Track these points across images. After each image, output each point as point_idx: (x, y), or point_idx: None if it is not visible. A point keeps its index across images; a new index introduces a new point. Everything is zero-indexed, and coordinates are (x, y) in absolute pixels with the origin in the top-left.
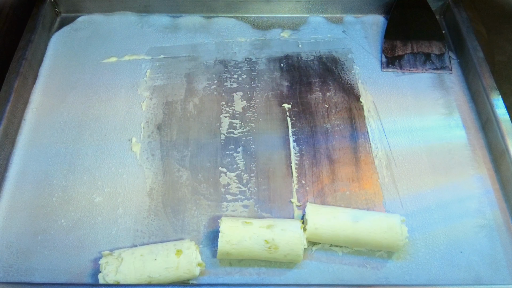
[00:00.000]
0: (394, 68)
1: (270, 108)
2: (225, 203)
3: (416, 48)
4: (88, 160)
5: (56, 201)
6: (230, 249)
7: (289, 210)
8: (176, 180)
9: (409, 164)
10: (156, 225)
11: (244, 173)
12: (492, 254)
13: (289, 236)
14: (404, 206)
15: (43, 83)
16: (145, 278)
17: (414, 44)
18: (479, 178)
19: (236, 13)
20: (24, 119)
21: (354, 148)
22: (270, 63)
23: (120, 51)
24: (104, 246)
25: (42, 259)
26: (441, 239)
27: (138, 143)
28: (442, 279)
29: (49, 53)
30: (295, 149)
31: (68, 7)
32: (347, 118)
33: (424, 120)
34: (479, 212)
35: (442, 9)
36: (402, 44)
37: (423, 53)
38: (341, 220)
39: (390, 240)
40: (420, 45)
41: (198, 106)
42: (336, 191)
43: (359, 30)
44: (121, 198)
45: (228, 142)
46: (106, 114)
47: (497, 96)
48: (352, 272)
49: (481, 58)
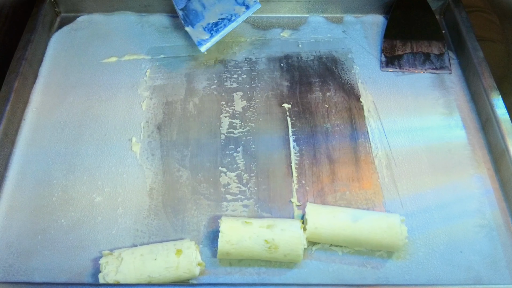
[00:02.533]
0: (394, 68)
1: (270, 108)
2: (225, 203)
3: (415, 48)
4: (88, 160)
5: (56, 201)
6: (230, 249)
7: (289, 210)
8: (176, 180)
9: (409, 164)
10: (156, 225)
11: (244, 173)
12: (492, 254)
13: (289, 236)
14: (404, 206)
15: (43, 83)
16: (145, 277)
17: (413, 44)
18: (479, 178)
19: None
20: (24, 119)
21: (354, 148)
22: (270, 63)
23: (120, 51)
24: (104, 246)
25: (42, 259)
26: (441, 239)
27: (138, 143)
28: (442, 279)
29: (49, 53)
30: (295, 149)
31: (68, 7)
32: (347, 118)
33: (424, 120)
34: (479, 212)
35: (442, 9)
36: (402, 43)
37: (422, 53)
38: (341, 220)
39: (390, 240)
40: (420, 45)
41: (198, 106)
42: (336, 191)
43: (359, 30)
44: (121, 198)
45: (228, 142)
46: (106, 114)
47: (497, 96)
48: (352, 272)
49: (481, 58)
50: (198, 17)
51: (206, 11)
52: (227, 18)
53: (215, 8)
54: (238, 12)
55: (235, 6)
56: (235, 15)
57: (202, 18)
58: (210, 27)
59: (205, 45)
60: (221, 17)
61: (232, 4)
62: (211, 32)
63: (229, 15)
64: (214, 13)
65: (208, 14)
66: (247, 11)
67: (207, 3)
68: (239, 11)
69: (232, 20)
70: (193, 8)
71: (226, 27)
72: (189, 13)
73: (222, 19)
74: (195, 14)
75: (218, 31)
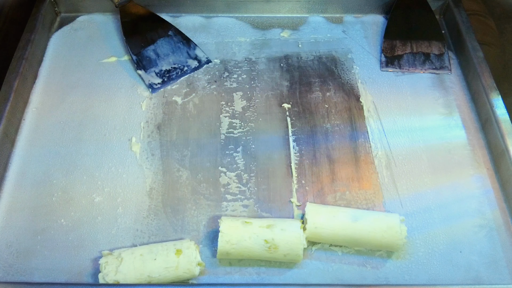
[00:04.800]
0: (393, 68)
1: (270, 108)
2: (225, 203)
3: (415, 48)
4: (88, 160)
5: (56, 201)
6: (230, 248)
7: (289, 210)
8: (176, 180)
9: (409, 164)
10: (156, 225)
11: (244, 173)
12: (491, 254)
13: (288, 236)
14: (404, 206)
15: (43, 83)
16: (145, 277)
17: (413, 44)
18: (479, 178)
19: (236, 13)
20: (24, 119)
21: (354, 148)
22: (270, 63)
23: (120, 51)
24: (104, 246)
25: (42, 259)
26: (440, 239)
27: (138, 143)
28: (442, 279)
29: (49, 53)
30: (295, 149)
31: (68, 7)
32: (347, 118)
33: (424, 120)
34: (479, 212)
35: (442, 9)
36: (402, 43)
37: (422, 53)
38: (340, 220)
39: (390, 240)
40: (420, 45)
41: (198, 106)
42: (336, 191)
43: (359, 30)
44: (121, 197)
45: (228, 142)
46: (106, 114)
47: (496, 96)
48: (351, 272)
49: (481, 58)
50: (151, 63)
51: (160, 59)
52: (179, 68)
53: (169, 58)
54: (191, 64)
55: (188, 59)
56: (187, 66)
57: (155, 64)
58: (163, 73)
59: (156, 88)
60: (174, 66)
61: (185, 57)
62: (163, 78)
63: (182, 65)
64: (168, 62)
65: (161, 62)
66: (199, 66)
67: (161, 53)
68: (192, 63)
69: (185, 71)
70: (147, 55)
71: (179, 76)
72: (142, 59)
73: (175, 68)
74: (149, 60)
75: (171, 78)
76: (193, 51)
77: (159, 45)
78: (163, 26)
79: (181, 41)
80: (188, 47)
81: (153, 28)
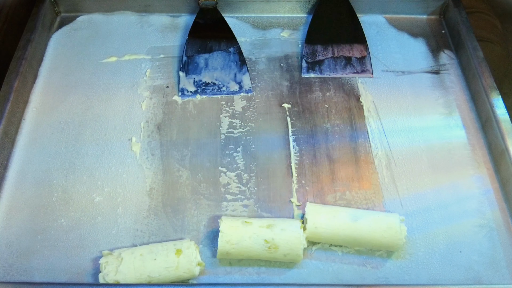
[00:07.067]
0: (315, 73)
1: (270, 107)
2: (225, 203)
3: (336, 52)
4: (88, 160)
5: (56, 200)
6: (230, 248)
7: (289, 210)
8: (176, 180)
9: (409, 164)
10: (156, 225)
11: (244, 173)
12: (491, 254)
13: (289, 236)
14: (404, 206)
15: (43, 83)
16: (145, 277)
17: (335, 49)
18: (479, 178)
19: (236, 13)
20: (24, 119)
21: (354, 147)
22: (270, 63)
23: (120, 51)
24: (104, 246)
25: (42, 259)
26: (440, 239)
27: (138, 142)
28: (442, 279)
29: (49, 52)
30: (295, 149)
31: (68, 7)
32: (347, 118)
33: (424, 120)
34: (479, 212)
35: (442, 9)
36: (323, 48)
37: (344, 57)
38: (340, 220)
39: (390, 240)
40: (341, 49)
41: (198, 105)
42: (336, 191)
43: None
44: (121, 197)
45: (228, 141)
46: (106, 114)
47: (496, 96)
48: (351, 272)
49: (481, 58)
50: (196, 70)
51: (206, 70)
52: (218, 86)
53: (214, 72)
54: (231, 87)
55: (231, 81)
56: (227, 88)
57: (199, 73)
58: (201, 84)
59: (186, 95)
60: (214, 82)
61: (230, 78)
62: (198, 88)
63: (222, 84)
64: (211, 75)
65: (205, 73)
66: (237, 91)
67: (210, 64)
68: (232, 87)
69: (222, 91)
70: (197, 61)
71: (213, 93)
72: (191, 62)
73: (214, 84)
74: (196, 66)
75: (204, 91)
76: (240, 76)
77: (213, 56)
78: (227, 40)
79: (235, 61)
80: (239, 70)
81: (217, 39)
